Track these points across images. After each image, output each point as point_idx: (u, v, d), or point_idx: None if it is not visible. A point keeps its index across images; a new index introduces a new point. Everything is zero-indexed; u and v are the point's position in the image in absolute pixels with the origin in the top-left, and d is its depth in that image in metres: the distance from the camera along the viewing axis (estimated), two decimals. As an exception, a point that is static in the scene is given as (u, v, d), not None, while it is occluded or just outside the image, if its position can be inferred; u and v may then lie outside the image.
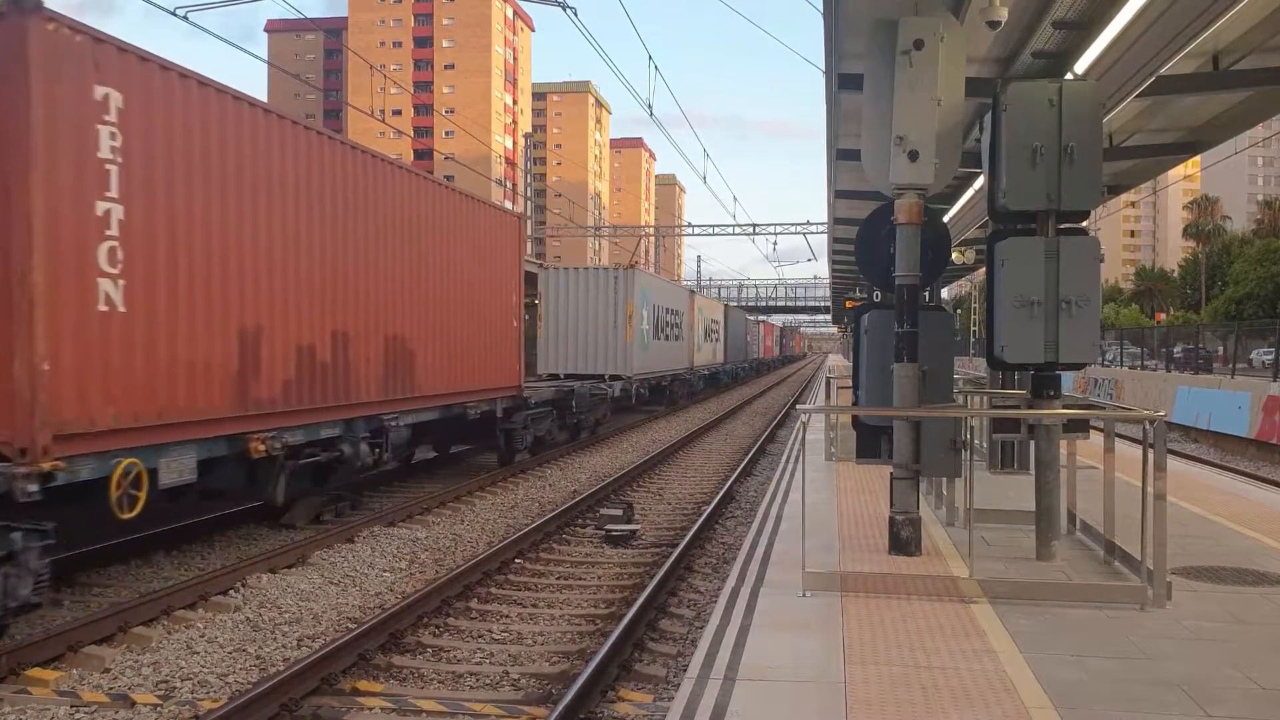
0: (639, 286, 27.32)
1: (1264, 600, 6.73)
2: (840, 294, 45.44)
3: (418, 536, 11.94)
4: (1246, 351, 32.93)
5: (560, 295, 26.19)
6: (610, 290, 26.34)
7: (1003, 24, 8.09)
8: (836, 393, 17.81)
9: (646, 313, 28.35)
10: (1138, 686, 5.05)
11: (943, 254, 8.70)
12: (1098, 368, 37.39)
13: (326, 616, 8.59)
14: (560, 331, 26.07)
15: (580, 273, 26.96)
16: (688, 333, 36.96)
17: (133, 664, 7.27)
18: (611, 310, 26.16)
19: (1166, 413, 19.72)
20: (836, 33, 9.31)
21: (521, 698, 6.69)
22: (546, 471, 17.88)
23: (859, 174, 10.53)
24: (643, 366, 28.01)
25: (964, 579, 6.78)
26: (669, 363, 32.69)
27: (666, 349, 32.19)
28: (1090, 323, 7.11)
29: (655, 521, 13.21)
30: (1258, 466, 22.27)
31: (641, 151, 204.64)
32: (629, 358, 26.24)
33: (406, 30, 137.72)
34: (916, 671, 5.23)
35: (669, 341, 32.73)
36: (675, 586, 9.62)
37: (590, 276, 26.69)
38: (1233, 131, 13.18)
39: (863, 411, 8.27)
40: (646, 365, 28.59)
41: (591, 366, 25.65)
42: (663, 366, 31.48)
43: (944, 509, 9.34)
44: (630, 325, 26.18)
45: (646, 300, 28.22)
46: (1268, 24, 9.33)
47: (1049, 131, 7.04)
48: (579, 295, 26.18)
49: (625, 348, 26.18)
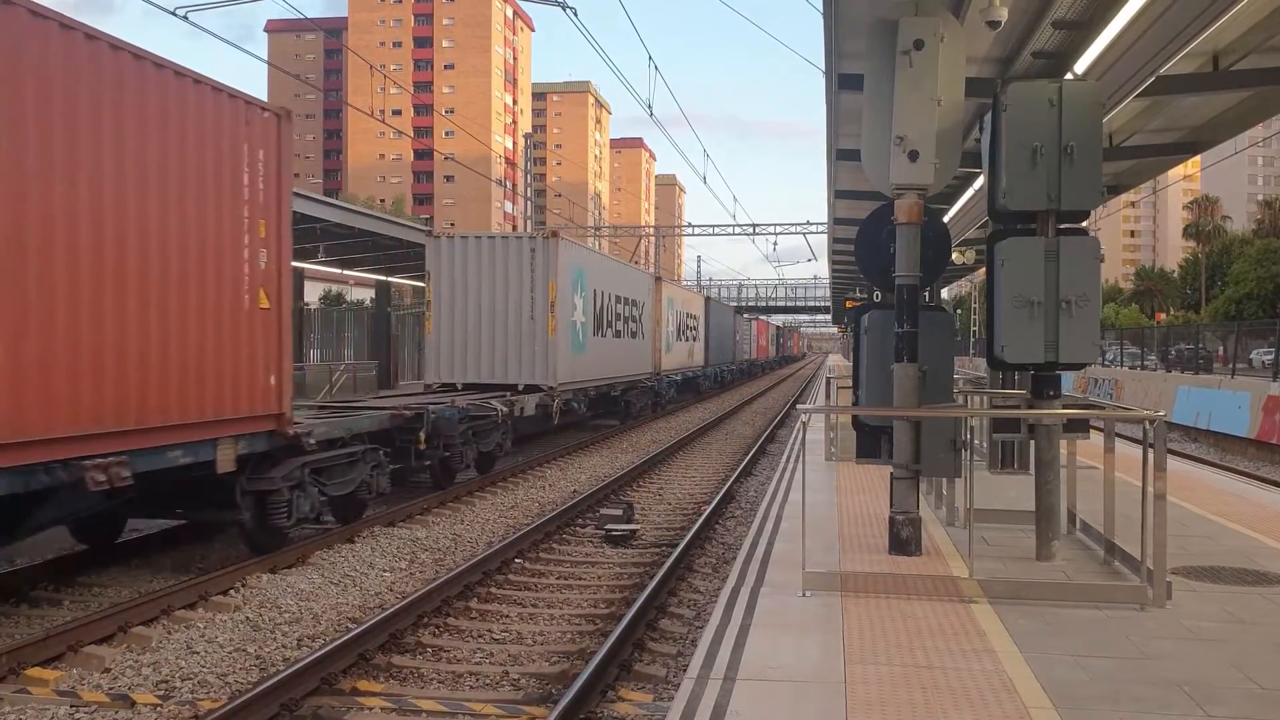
0: (568, 264, 20.22)
1: (1264, 600, 6.73)
2: (840, 294, 45.50)
3: (418, 536, 11.94)
4: (1246, 351, 32.94)
5: (456, 275, 19.15)
6: (525, 267, 19.18)
7: (1003, 24, 8.11)
8: (836, 393, 17.80)
9: (583, 300, 21.63)
10: (1138, 686, 5.05)
11: (943, 254, 8.70)
12: (1098, 368, 37.39)
13: (326, 616, 8.59)
14: (457, 325, 19.17)
15: (482, 243, 19.52)
16: (651, 329, 30.16)
17: (133, 664, 7.26)
18: (526, 296, 19.13)
19: (1166, 413, 19.72)
20: (836, 33, 9.32)
21: (521, 698, 6.69)
22: (546, 471, 17.87)
23: (859, 174, 10.54)
24: (577, 372, 21.15)
25: (964, 579, 6.78)
26: (622, 366, 25.80)
27: (618, 349, 25.35)
28: (1090, 323, 7.11)
29: (655, 521, 13.21)
30: (1258, 466, 22.27)
31: (641, 151, 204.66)
32: (552, 361, 19.11)
33: (406, 30, 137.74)
34: (916, 671, 5.24)
35: (622, 339, 25.99)
36: (675, 586, 9.62)
37: (497, 249, 19.36)
38: (1233, 131, 13.20)
39: (863, 411, 8.27)
40: (583, 370, 21.75)
41: (500, 373, 19.02)
42: (612, 371, 24.61)
43: (944, 509, 9.34)
44: (554, 316, 19.05)
45: (583, 284, 21.61)
46: (1268, 24, 9.34)
47: (1049, 131, 7.04)
48: (482, 275, 19.16)
49: (548, 347, 19.04)
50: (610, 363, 24.54)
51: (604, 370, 23.90)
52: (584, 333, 21.88)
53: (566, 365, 20.09)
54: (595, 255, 25.20)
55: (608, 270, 25.09)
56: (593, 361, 22.71)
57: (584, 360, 21.83)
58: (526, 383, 18.95)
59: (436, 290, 19.31)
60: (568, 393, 20.50)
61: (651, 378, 30.12)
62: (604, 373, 23.90)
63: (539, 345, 19.14)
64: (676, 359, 35.22)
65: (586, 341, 22.13)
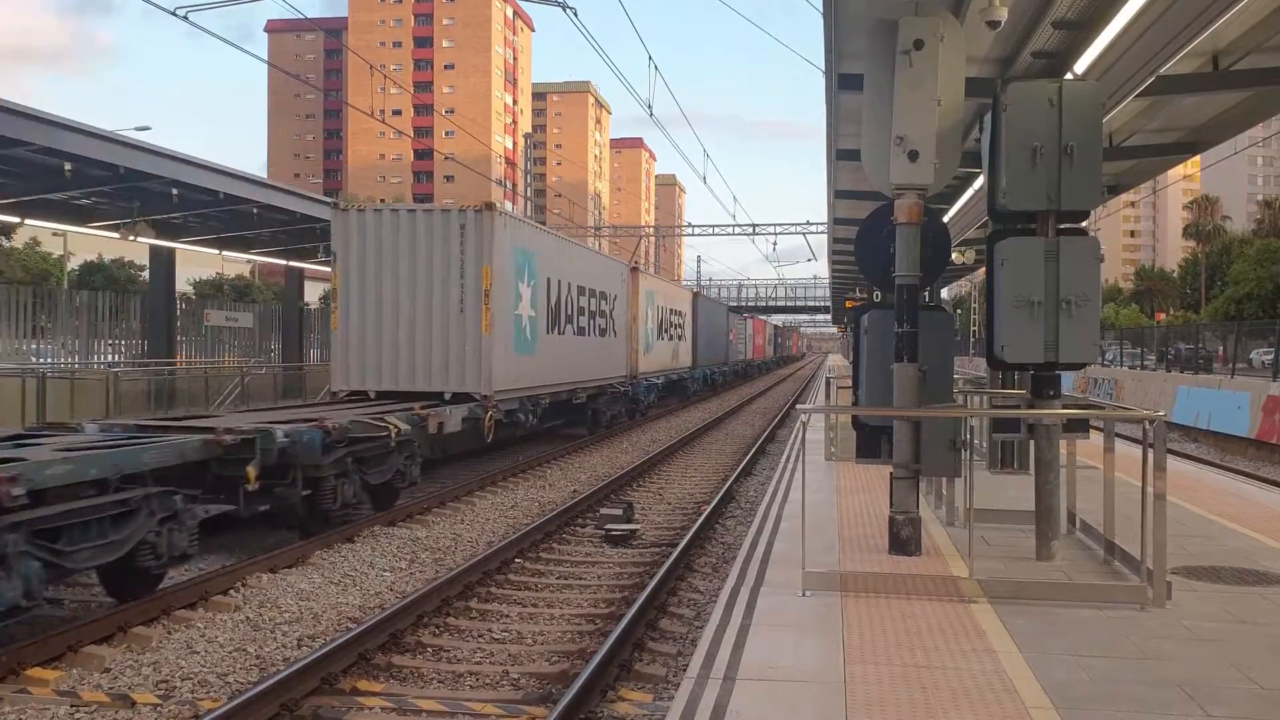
0: (509, 245, 16.72)
1: (1264, 600, 6.73)
2: (840, 294, 45.52)
3: (418, 536, 11.94)
4: (1246, 351, 32.94)
5: (369, 258, 15.94)
6: (453, 249, 15.81)
7: (1003, 24, 8.11)
8: (836, 393, 17.80)
9: (533, 290, 18.25)
10: (1138, 686, 5.05)
11: (943, 254, 8.70)
12: (1098, 368, 37.40)
13: (326, 616, 8.59)
14: (369, 320, 15.96)
15: (400, 217, 16.08)
16: (626, 325, 26.80)
17: (133, 664, 7.27)
18: (455, 284, 15.80)
19: (1166, 413, 19.74)
20: (836, 33, 9.32)
21: (521, 697, 6.69)
22: (546, 471, 17.87)
23: (859, 174, 10.54)
24: (523, 376, 17.64)
25: (964, 579, 6.78)
26: (588, 369, 22.55)
27: (582, 350, 22.04)
28: (1090, 323, 7.11)
29: (655, 521, 13.21)
30: (1258, 466, 22.27)
31: (641, 151, 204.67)
32: (487, 364, 15.83)
33: (406, 30, 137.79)
34: (916, 671, 5.24)
35: (588, 338, 22.70)
36: (675, 586, 9.62)
37: (419, 225, 15.96)
38: (1233, 131, 13.21)
39: (863, 411, 8.27)
40: (531, 374, 18.19)
41: (423, 379, 15.87)
42: (573, 375, 21.37)
43: (944, 509, 9.34)
44: (489, 309, 15.80)
45: (531, 270, 18.15)
46: (1268, 24, 9.35)
47: (1049, 131, 7.04)
48: (400, 258, 15.92)
49: (480, 347, 15.81)
50: (570, 365, 21.07)
51: (562, 373, 20.39)
52: (532, 329, 18.29)
53: (507, 368, 16.71)
54: (550, 237, 20.54)
55: (567, 256, 21.21)
56: (546, 363, 19.13)
57: (532, 363, 18.28)
58: (455, 390, 15.72)
59: (345, 276, 15.99)
60: (512, 401, 17.20)
61: (626, 381, 26.39)
62: (562, 376, 20.40)
63: (470, 344, 15.80)
64: (658, 360, 31.46)
65: (536, 340, 18.57)
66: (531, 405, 18.48)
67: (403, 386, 15.88)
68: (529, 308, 18.16)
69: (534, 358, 18.43)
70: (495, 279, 15.97)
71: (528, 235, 18.43)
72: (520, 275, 17.54)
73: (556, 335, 20.04)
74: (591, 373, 22.99)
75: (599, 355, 23.84)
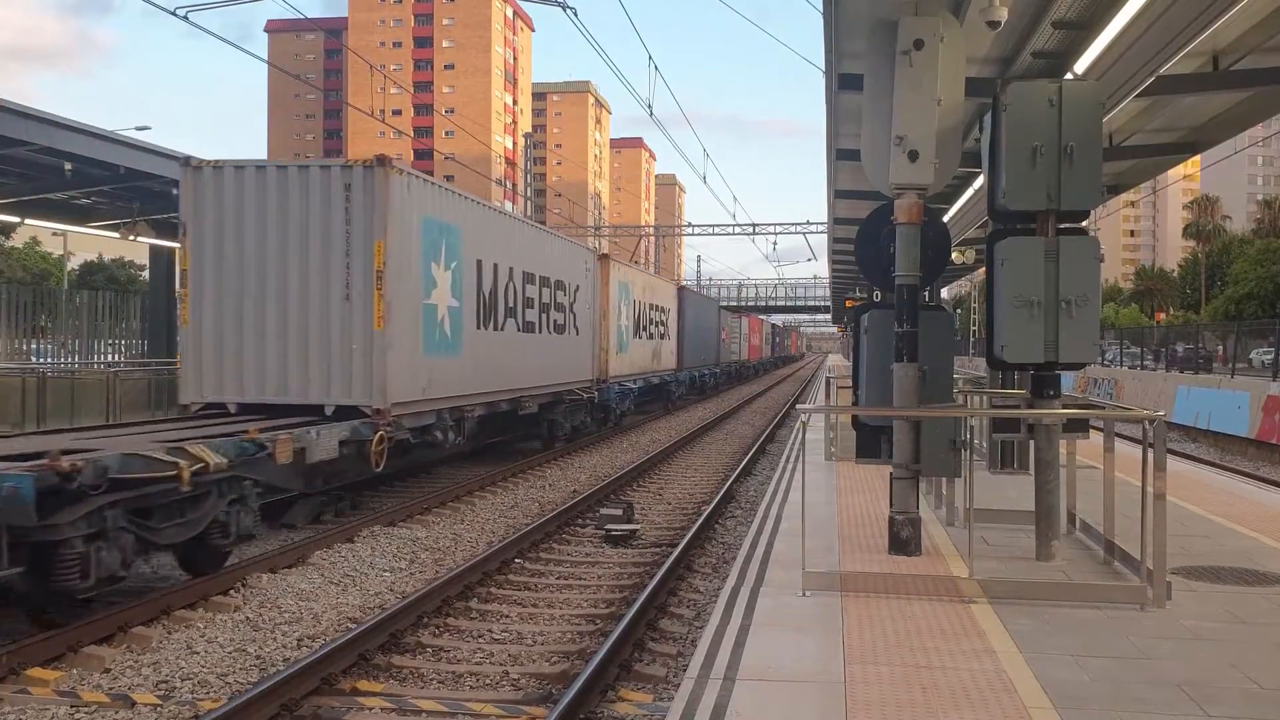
0: (415, 213, 13.09)
1: (1264, 600, 6.73)
2: (840, 294, 45.46)
3: (418, 536, 11.94)
4: (1246, 351, 32.95)
5: (228, 230, 12.57)
6: (336, 219, 12.35)
7: (1003, 24, 8.09)
8: (836, 393, 17.80)
9: (454, 275, 14.46)
10: (1138, 686, 5.05)
11: (943, 254, 8.70)
12: (1098, 367, 37.40)
13: (326, 616, 8.59)
14: (228, 312, 12.63)
15: (267, 176, 12.53)
16: (593, 322, 23.07)
17: (133, 664, 7.27)
18: (339, 263, 12.33)
19: (1166, 412, 19.73)
20: (836, 33, 9.31)
21: (521, 697, 6.69)
22: (546, 471, 17.87)
23: (859, 174, 10.53)
24: (437, 384, 13.86)
25: (964, 579, 6.78)
26: (539, 373, 18.69)
27: (531, 349, 18.24)
28: (1090, 323, 7.11)
29: (655, 521, 13.21)
30: (1257, 466, 22.27)
31: (641, 151, 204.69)
32: (381, 369, 12.27)
33: (406, 30, 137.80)
34: (916, 671, 5.23)
35: (539, 335, 18.86)
36: (675, 586, 9.62)
37: (291, 187, 12.44)
38: (1233, 131, 13.20)
39: (863, 411, 8.27)
40: (451, 381, 14.44)
41: (298, 388, 12.42)
42: (517, 380, 17.40)
43: (944, 509, 9.34)
44: (384, 297, 12.25)
45: (452, 248, 14.37)
46: (1268, 24, 9.34)
47: (1049, 131, 7.04)
48: (269, 231, 12.45)
49: (373, 347, 12.28)
50: (513, 367, 17.15)
51: (500, 378, 16.50)
52: (455, 324, 14.56)
53: (414, 374, 13.12)
54: (480, 209, 16.02)
55: (507, 235, 17.11)
56: (475, 367, 15.40)
57: (454, 366, 14.60)
58: (340, 403, 12.25)
59: (197, 255, 12.54)
60: (424, 415, 13.65)
61: (592, 387, 22.66)
62: (499, 382, 16.51)
63: (359, 344, 12.26)
64: (634, 361, 27.55)
65: (461, 337, 14.84)
66: (454, 420, 14.80)
67: (273, 398, 12.41)
68: (449, 297, 14.32)
69: (456, 360, 14.71)
70: (393, 258, 12.41)
71: (446, 204, 14.29)
72: (433, 255, 13.77)
73: (492, 332, 16.25)
74: (544, 377, 19.04)
75: (555, 356, 19.91)
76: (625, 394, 25.80)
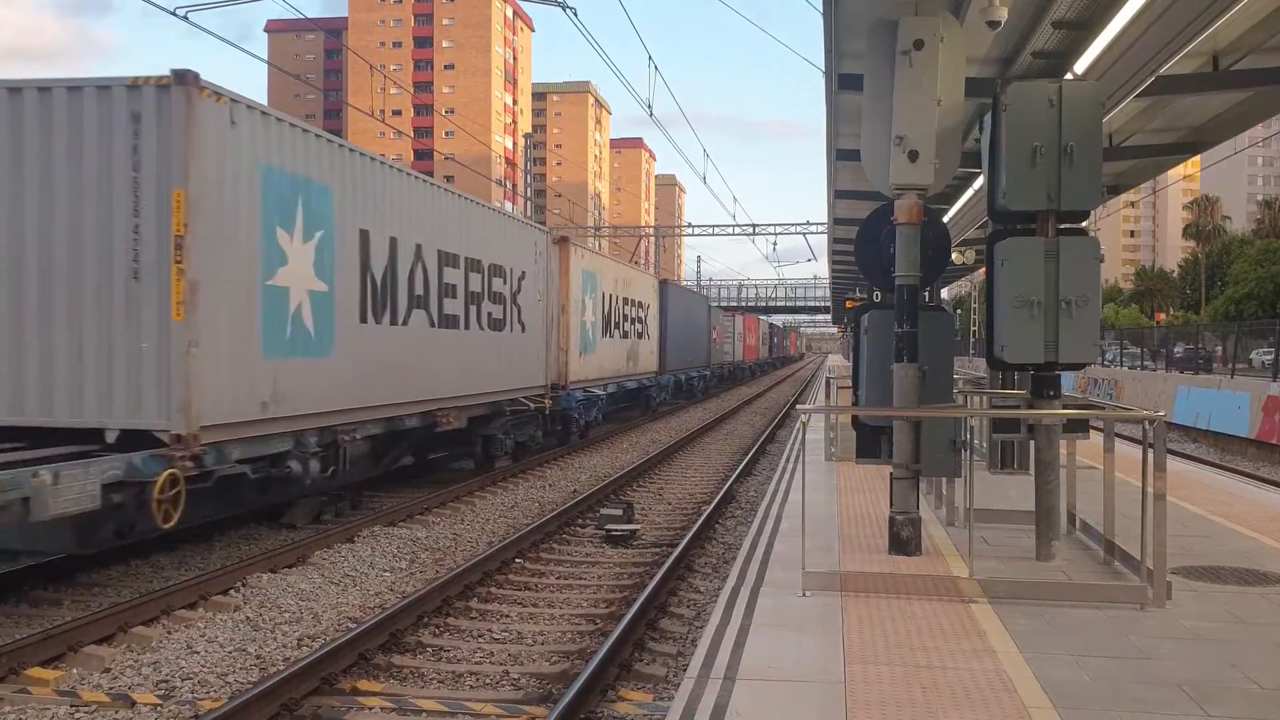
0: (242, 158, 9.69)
1: (1264, 600, 6.73)
2: (840, 294, 45.41)
3: (418, 536, 11.94)
4: (1246, 351, 32.95)
5: None
6: (117, 161, 8.92)
7: (1003, 24, 8.09)
8: (836, 393, 17.81)
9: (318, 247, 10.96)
10: (1138, 686, 5.05)
11: (943, 254, 8.70)
12: (1098, 368, 37.41)
13: (327, 616, 8.59)
14: None
15: (27, 104, 9.03)
16: (548, 317, 19.31)
17: (133, 664, 7.27)
18: (122, 226, 8.93)
19: (1166, 413, 19.74)
20: (836, 33, 9.31)
21: (522, 697, 6.69)
22: (546, 471, 17.87)
23: (859, 174, 10.53)
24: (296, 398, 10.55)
25: (964, 579, 6.79)
26: (466, 379, 14.96)
27: (453, 349, 14.57)
28: (1090, 323, 7.11)
29: (655, 521, 13.21)
30: (1258, 466, 22.28)
31: (641, 151, 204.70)
32: (181, 377, 8.86)
33: (406, 30, 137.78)
34: (916, 671, 5.24)
35: (467, 331, 15.09)
36: (675, 586, 9.62)
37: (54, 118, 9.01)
38: (1233, 131, 13.19)
39: (863, 411, 8.27)
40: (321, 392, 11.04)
41: (66, 405, 8.98)
42: (434, 388, 13.86)
43: (944, 509, 9.34)
44: (183, 272, 8.88)
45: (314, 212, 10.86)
46: (1268, 24, 9.34)
47: (1049, 131, 7.04)
48: (27, 178, 9.04)
49: (171, 345, 8.88)
50: (425, 373, 13.48)
51: (404, 387, 12.89)
52: (320, 315, 10.90)
53: (243, 383, 9.69)
54: (365, 163, 12.03)
55: (411, 200, 13.22)
56: (361, 372, 11.72)
57: (320, 372, 10.91)
58: (126, 426, 8.91)
59: None
60: (271, 441, 10.22)
61: (546, 394, 18.85)
62: (404, 392, 12.91)
63: (151, 340, 8.92)
64: (604, 363, 24.10)
65: (332, 333, 11.14)
66: (323, 445, 11.09)
67: (34, 419, 8.97)
68: (311, 278, 10.71)
69: (325, 363, 10.98)
70: (203, 217, 9.02)
71: (306, 152, 10.66)
72: (283, 219, 10.25)
73: (389, 327, 12.54)
74: (475, 383, 15.31)
75: (490, 358, 16.07)
76: (591, 402, 22.49)
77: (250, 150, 9.81)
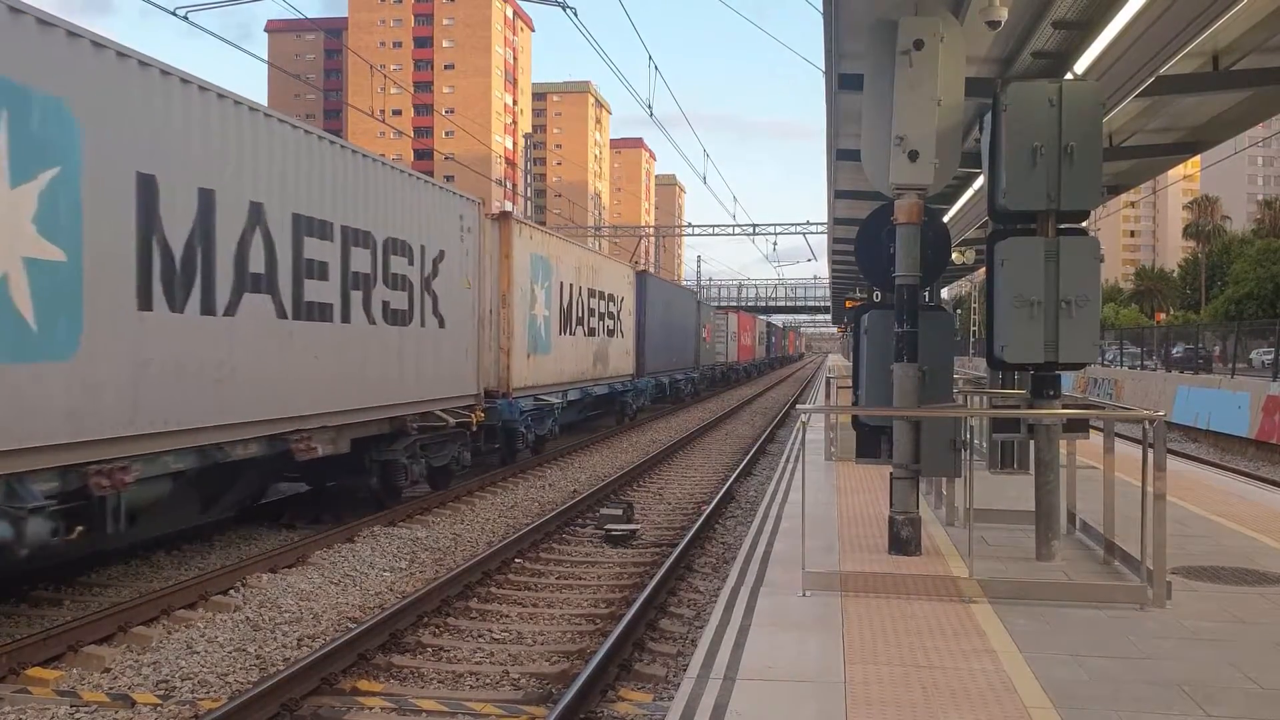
0: None
1: (1264, 600, 6.73)
2: (840, 294, 45.44)
3: (418, 536, 11.94)
4: (1246, 351, 32.93)
5: None
6: None
7: (1003, 24, 8.11)
8: (836, 392, 17.81)
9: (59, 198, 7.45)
10: (1138, 686, 5.05)
11: (943, 254, 8.70)
12: (1098, 368, 37.41)
13: (326, 616, 8.59)
14: None
15: None
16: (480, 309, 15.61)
17: (133, 664, 7.27)
18: None
19: (1166, 413, 19.74)
20: (836, 33, 9.32)
21: (521, 697, 6.69)
22: (546, 471, 17.87)
23: (859, 174, 10.54)
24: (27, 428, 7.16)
25: (964, 579, 6.79)
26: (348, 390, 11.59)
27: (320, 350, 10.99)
28: (1090, 323, 7.11)
29: (655, 521, 13.21)
30: (1257, 466, 22.27)
31: (641, 151, 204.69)
32: None
33: (406, 30, 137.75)
34: (916, 671, 5.24)
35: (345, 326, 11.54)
36: (675, 586, 9.62)
37: None
38: (1233, 131, 13.21)
39: (863, 411, 8.27)
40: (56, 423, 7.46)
41: None
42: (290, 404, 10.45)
43: (944, 509, 9.34)
44: None
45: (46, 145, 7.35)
46: (1268, 24, 9.35)
47: (1049, 131, 7.04)
48: None
49: None
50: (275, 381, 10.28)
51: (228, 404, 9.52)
52: (54, 300, 7.54)
53: None
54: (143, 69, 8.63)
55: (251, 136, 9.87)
56: (143, 386, 8.43)
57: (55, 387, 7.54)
58: None
59: None
60: None
61: (478, 404, 15.33)
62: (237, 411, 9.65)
63: None
64: (563, 366, 20.58)
65: (79, 327, 7.78)
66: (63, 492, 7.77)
67: None
68: (27, 238, 7.31)
69: (61, 367, 7.65)
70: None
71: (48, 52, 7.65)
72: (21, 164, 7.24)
73: (196, 316, 9.14)
74: (361, 395, 11.94)
75: (388, 361, 12.64)
76: (544, 412, 18.70)
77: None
